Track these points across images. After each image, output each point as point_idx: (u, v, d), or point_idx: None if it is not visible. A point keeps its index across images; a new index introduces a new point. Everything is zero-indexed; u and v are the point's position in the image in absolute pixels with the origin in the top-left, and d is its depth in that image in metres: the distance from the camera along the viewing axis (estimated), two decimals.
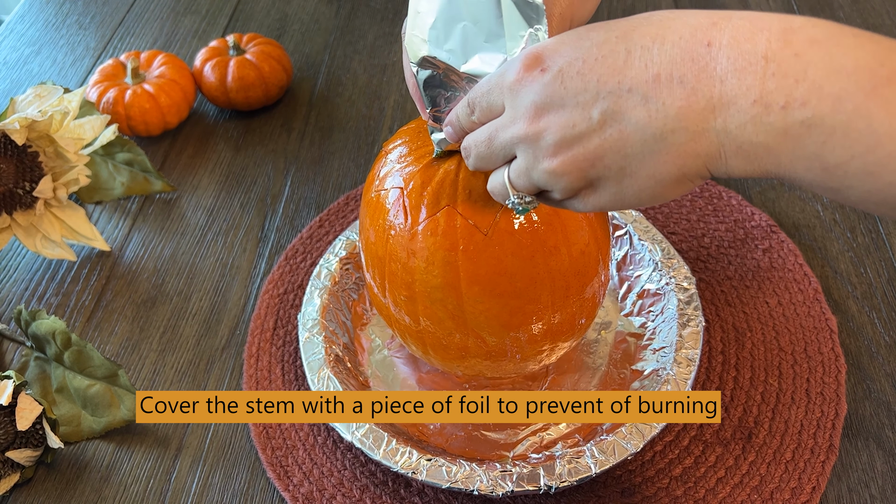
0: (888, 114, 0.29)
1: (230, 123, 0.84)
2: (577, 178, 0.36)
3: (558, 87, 0.35)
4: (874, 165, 0.30)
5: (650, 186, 0.35)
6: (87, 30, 0.99)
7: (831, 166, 0.31)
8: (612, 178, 0.36)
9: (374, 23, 0.95)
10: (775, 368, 0.58)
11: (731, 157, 0.33)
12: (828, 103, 0.30)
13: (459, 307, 0.47)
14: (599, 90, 0.34)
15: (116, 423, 0.58)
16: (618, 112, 0.34)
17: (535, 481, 0.48)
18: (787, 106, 0.30)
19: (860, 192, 0.31)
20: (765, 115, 0.31)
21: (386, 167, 0.50)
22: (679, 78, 0.32)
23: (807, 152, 0.31)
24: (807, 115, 0.30)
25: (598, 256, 0.49)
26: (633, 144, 0.34)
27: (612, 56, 0.34)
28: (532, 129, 0.36)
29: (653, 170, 0.35)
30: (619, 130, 0.34)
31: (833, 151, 0.30)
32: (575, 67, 0.35)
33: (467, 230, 0.45)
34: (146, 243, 0.73)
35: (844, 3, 0.90)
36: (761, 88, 0.31)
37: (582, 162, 0.35)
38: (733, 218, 0.68)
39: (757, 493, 0.51)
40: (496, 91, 0.38)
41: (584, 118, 0.35)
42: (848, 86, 0.29)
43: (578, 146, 0.35)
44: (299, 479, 0.55)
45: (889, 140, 0.29)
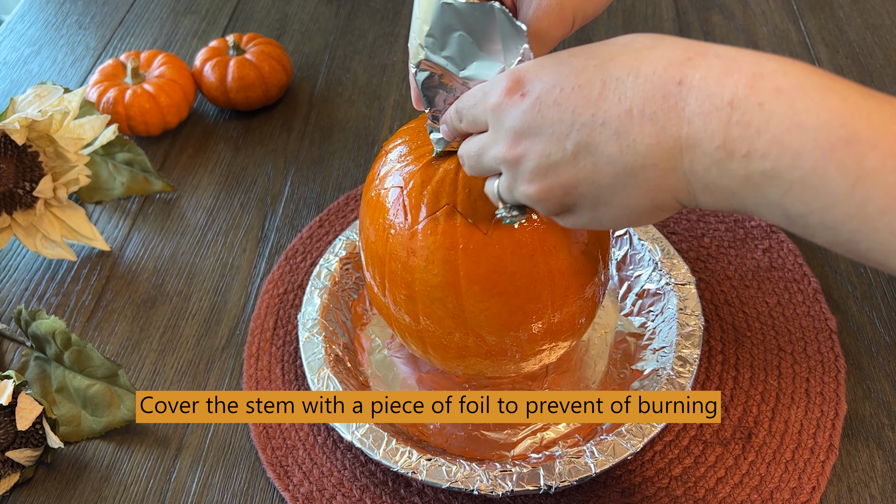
0: (843, 176, 0.29)
1: (230, 123, 0.84)
2: (554, 204, 0.38)
3: (536, 115, 0.36)
4: (832, 222, 0.30)
5: (624, 214, 0.37)
6: (87, 30, 0.99)
7: (793, 216, 0.31)
8: (587, 205, 0.37)
9: (374, 23, 0.95)
10: (775, 368, 0.58)
11: (699, 194, 0.34)
12: (787, 158, 0.30)
13: (459, 306, 0.47)
14: (574, 121, 0.35)
15: (116, 423, 0.58)
16: (591, 144, 0.34)
17: (535, 481, 0.48)
18: (748, 155, 0.31)
19: (824, 240, 0.32)
20: (728, 162, 0.31)
21: (386, 166, 0.50)
22: (650, 115, 0.33)
23: (768, 200, 0.31)
24: (767, 167, 0.30)
25: (598, 256, 0.49)
26: (606, 176, 0.35)
27: (588, 86, 0.34)
28: (510, 154, 0.37)
29: (626, 200, 0.36)
30: (592, 163, 0.35)
31: (792, 204, 0.31)
32: (552, 96, 0.35)
33: (467, 229, 0.45)
34: (146, 243, 0.73)
35: (844, 3, 0.90)
36: (725, 135, 0.31)
37: (557, 190, 0.37)
38: (733, 218, 0.68)
39: (757, 493, 0.51)
40: (480, 108, 0.39)
41: (558, 149, 0.35)
42: (807, 143, 0.29)
43: (553, 175, 0.36)
44: (299, 479, 0.55)
45: (843, 202, 0.29)
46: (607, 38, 0.37)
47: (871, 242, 0.30)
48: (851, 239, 0.30)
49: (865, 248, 0.30)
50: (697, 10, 0.91)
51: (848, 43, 0.85)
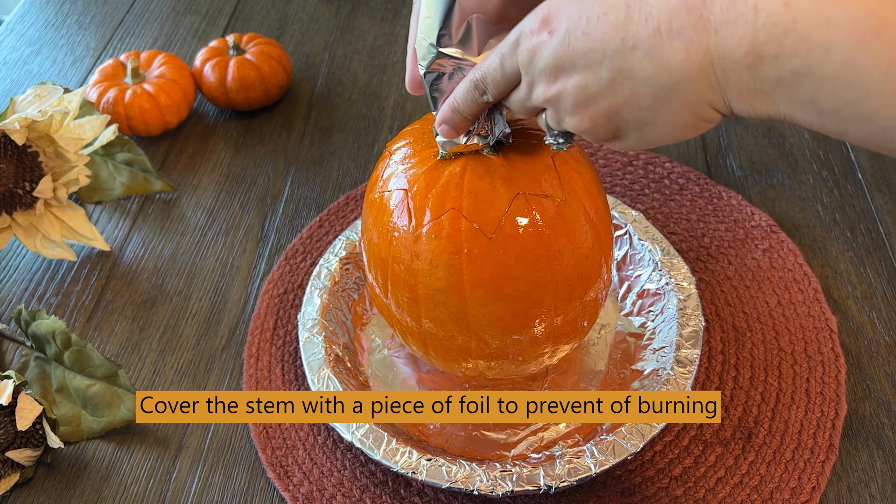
0: (875, 65, 0.29)
1: (230, 123, 0.84)
2: (601, 131, 0.38)
3: (567, 50, 0.36)
4: (866, 111, 0.30)
5: (669, 131, 0.37)
6: (87, 30, 0.99)
7: (826, 112, 0.31)
8: (632, 127, 0.38)
9: (374, 23, 0.95)
10: (775, 368, 0.58)
11: (734, 101, 0.34)
12: (817, 54, 0.30)
13: (462, 310, 0.47)
14: (605, 49, 0.35)
15: (116, 423, 0.58)
16: (625, 69, 0.35)
17: (535, 481, 0.48)
18: (777, 56, 0.31)
19: (858, 134, 0.32)
20: (758, 65, 0.32)
21: (390, 168, 0.50)
22: (678, 30, 0.33)
23: (802, 99, 0.32)
24: (797, 66, 0.30)
25: (601, 260, 0.49)
26: (645, 98, 0.35)
27: (613, 12, 0.35)
28: (550, 92, 0.38)
29: (669, 117, 0.36)
30: (630, 86, 0.35)
31: (826, 99, 0.31)
32: (580, 27, 0.35)
33: (472, 233, 0.45)
34: (146, 243, 0.73)
35: None
36: (753, 39, 0.31)
37: (600, 118, 0.37)
38: (733, 218, 0.68)
39: (757, 493, 0.51)
40: (509, 60, 0.40)
41: (594, 79, 0.36)
42: (836, 36, 0.29)
43: (594, 105, 0.37)
44: (299, 479, 0.55)
45: (877, 90, 0.29)
46: None
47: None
48: (888, 128, 0.30)
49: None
50: None
51: None
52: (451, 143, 0.47)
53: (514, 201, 0.45)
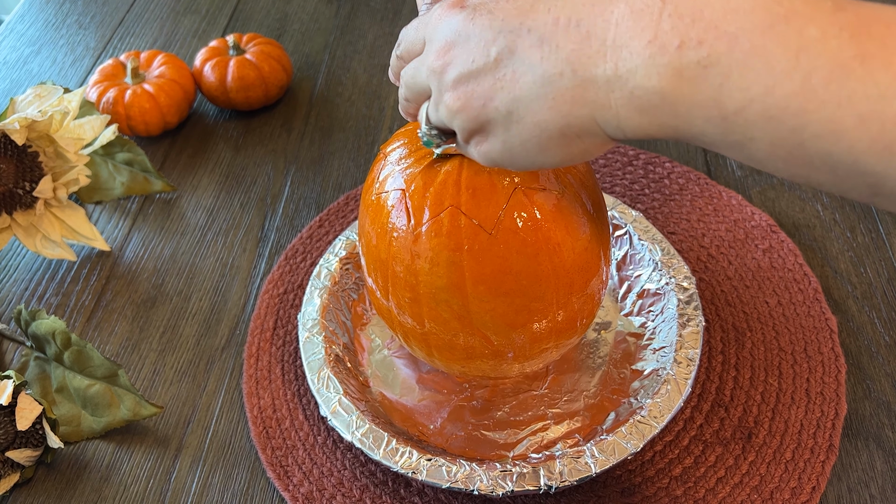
0: (785, 51, 0.28)
1: (230, 123, 0.84)
2: (470, 119, 0.37)
3: (468, 24, 0.36)
4: (774, 109, 0.28)
5: (535, 136, 0.35)
6: (87, 30, 0.99)
7: (730, 113, 0.29)
8: (500, 122, 0.36)
9: (374, 23, 0.95)
10: (775, 368, 0.58)
11: (622, 107, 0.32)
12: (724, 42, 0.29)
13: (465, 307, 0.47)
14: (502, 28, 0.34)
15: (116, 423, 0.58)
16: (514, 51, 0.34)
17: (535, 481, 0.48)
18: (682, 45, 0.29)
19: (765, 144, 0.29)
20: (659, 56, 0.30)
21: (386, 169, 0.50)
22: (576, 21, 0.32)
23: (704, 97, 0.30)
24: (702, 55, 0.29)
25: (599, 252, 0.49)
26: (523, 86, 0.34)
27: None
28: (439, 61, 0.37)
29: (538, 116, 0.34)
30: (513, 70, 0.34)
31: (731, 95, 0.29)
32: (488, 6, 0.35)
33: (471, 230, 0.45)
34: (146, 243, 0.73)
35: None
36: (656, 29, 0.30)
37: (475, 100, 0.36)
38: (733, 218, 0.68)
39: (757, 493, 0.51)
40: (421, 27, 0.39)
41: (482, 54, 0.35)
42: (745, 24, 0.28)
43: (474, 83, 0.36)
44: (299, 479, 0.55)
45: (787, 78, 0.28)
46: None
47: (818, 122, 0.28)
48: (796, 127, 0.28)
49: (812, 133, 0.28)
50: None
51: None
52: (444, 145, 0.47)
53: (513, 196, 0.45)
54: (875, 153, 0.28)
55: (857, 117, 0.27)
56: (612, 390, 0.56)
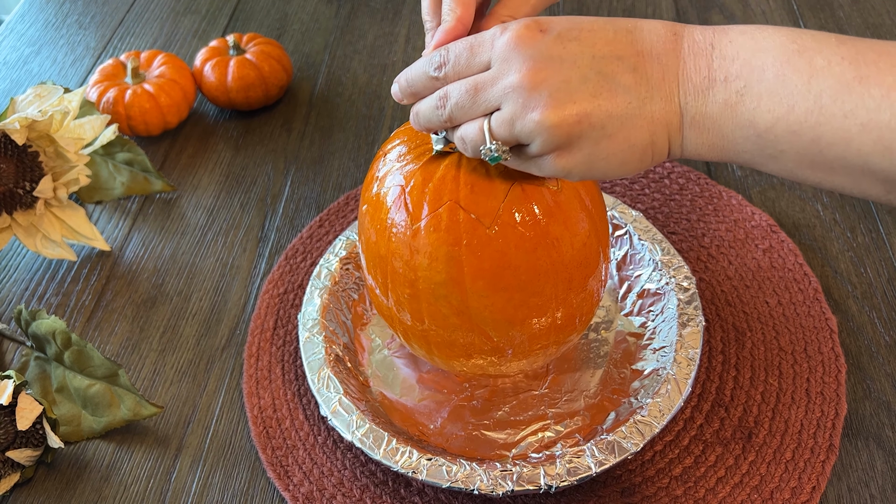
0: (800, 77, 0.36)
1: (230, 123, 0.84)
2: (562, 134, 0.39)
3: (559, 47, 0.39)
4: (795, 124, 0.36)
5: (622, 151, 0.40)
6: (87, 30, 0.99)
7: (763, 130, 0.37)
8: (591, 138, 0.40)
9: (374, 23, 0.95)
10: (775, 368, 0.58)
11: (687, 128, 0.40)
12: (755, 74, 0.37)
13: (464, 303, 0.47)
14: (595, 54, 0.39)
15: (116, 422, 0.58)
16: (609, 74, 0.39)
17: (536, 481, 0.48)
18: (726, 79, 0.38)
19: (792, 154, 0.37)
20: (711, 88, 0.39)
21: (385, 167, 0.50)
22: (657, 55, 0.40)
23: (742, 119, 0.38)
24: (740, 86, 0.38)
25: (598, 249, 0.49)
26: (619, 105, 0.39)
27: (601, 31, 0.40)
28: (529, 80, 0.39)
29: (629, 133, 0.40)
30: (610, 90, 0.39)
31: (762, 115, 0.37)
32: (573, 33, 0.40)
33: (470, 225, 0.45)
34: (146, 243, 0.73)
35: (844, 3, 0.90)
36: (709, 67, 0.39)
37: (571, 117, 0.39)
38: (733, 218, 0.68)
39: (757, 493, 0.51)
40: (483, 49, 0.41)
41: (580, 77, 0.39)
42: (768, 59, 0.37)
43: (570, 102, 0.39)
44: (299, 478, 0.55)
45: (802, 98, 0.36)
46: None
47: (831, 132, 0.36)
48: (814, 137, 0.36)
49: (827, 141, 0.36)
50: (697, 10, 0.91)
51: None
52: (445, 141, 0.47)
53: (511, 190, 0.45)
54: (879, 153, 0.35)
55: (860, 125, 0.35)
56: (613, 390, 0.56)
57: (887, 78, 0.35)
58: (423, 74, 0.44)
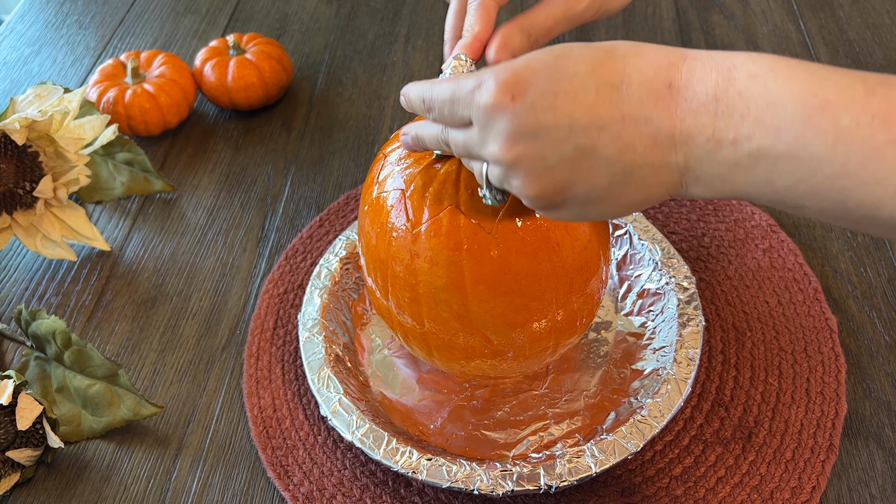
0: (823, 140, 0.31)
1: (230, 123, 0.84)
2: (546, 202, 0.38)
3: (531, 120, 0.36)
4: (818, 187, 0.32)
5: (614, 209, 0.38)
6: (87, 30, 0.99)
7: (781, 190, 0.33)
8: (577, 203, 0.38)
9: (374, 23, 0.95)
10: (775, 368, 0.58)
11: (691, 185, 0.36)
12: (770, 135, 0.32)
13: (464, 307, 0.47)
14: (572, 126, 0.35)
15: (116, 422, 0.58)
16: (589, 148, 0.36)
17: (536, 481, 0.48)
18: (735, 141, 0.33)
19: (815, 210, 0.34)
20: (718, 151, 0.34)
21: (385, 169, 0.50)
22: (645, 118, 0.35)
23: (758, 180, 0.34)
24: (753, 148, 0.33)
25: (598, 252, 0.49)
26: (602, 177, 0.36)
27: (582, 92, 0.35)
28: (506, 155, 0.37)
29: (619, 198, 0.37)
30: (590, 165, 0.36)
31: (780, 178, 0.33)
32: (547, 101, 0.36)
33: (471, 229, 0.45)
34: (146, 243, 0.73)
35: (844, 3, 0.90)
36: (714, 126, 0.34)
37: (550, 190, 0.37)
38: (733, 217, 0.68)
39: (757, 493, 0.51)
40: (462, 105, 0.39)
41: (556, 152, 0.36)
42: (785, 118, 0.32)
43: (549, 177, 0.37)
44: (299, 478, 0.55)
45: (827, 164, 0.31)
46: (607, 36, 0.39)
47: (859, 197, 0.31)
48: (840, 200, 0.32)
49: (855, 204, 0.32)
50: (697, 9, 0.91)
51: (848, 42, 0.85)
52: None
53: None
54: None
55: (893, 193, 0.31)
56: (613, 390, 0.56)
57: None
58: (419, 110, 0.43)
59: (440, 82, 0.40)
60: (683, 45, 0.86)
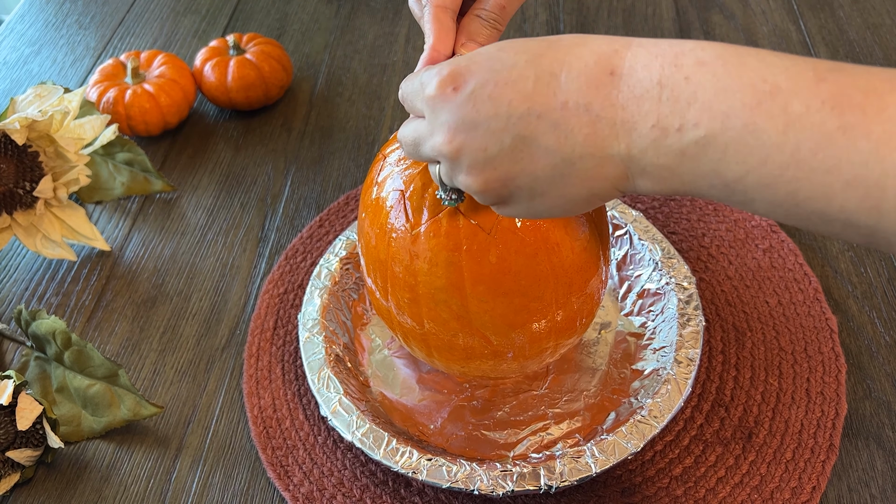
0: (774, 126, 0.30)
1: (230, 123, 0.84)
2: (492, 195, 0.38)
3: (470, 110, 0.36)
4: (768, 178, 0.31)
5: (561, 204, 0.37)
6: (87, 30, 0.99)
7: (731, 182, 0.32)
8: (523, 196, 0.37)
9: (374, 23, 0.95)
10: (775, 368, 0.58)
11: (637, 178, 0.35)
12: (718, 121, 0.31)
13: (464, 307, 0.47)
14: (510, 114, 0.35)
15: (116, 422, 0.58)
16: (528, 137, 0.35)
17: (536, 481, 0.48)
18: (681, 128, 0.32)
19: (764, 204, 0.32)
20: (663, 139, 0.32)
21: (385, 170, 0.50)
22: (585, 106, 0.34)
23: (706, 170, 0.32)
24: (700, 135, 0.31)
25: (598, 252, 0.49)
26: (544, 168, 0.35)
27: (521, 81, 0.35)
28: (447, 148, 0.37)
29: (563, 191, 0.36)
30: (530, 154, 0.35)
31: (729, 167, 0.32)
32: (487, 90, 0.35)
33: (470, 230, 0.45)
34: (146, 243, 0.73)
35: (844, 3, 0.90)
36: (658, 113, 0.32)
37: (494, 182, 0.37)
38: (733, 217, 0.68)
39: (757, 493, 0.51)
40: (417, 98, 0.39)
41: (495, 142, 0.36)
42: (734, 103, 0.31)
43: (491, 169, 0.37)
44: (299, 478, 0.55)
45: (777, 151, 0.30)
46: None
47: (810, 187, 0.30)
48: (790, 191, 0.31)
49: (805, 196, 0.31)
50: (697, 9, 0.91)
51: (848, 42, 0.85)
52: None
53: None
54: (864, 211, 0.30)
55: (844, 182, 0.29)
56: (613, 390, 0.56)
57: (875, 128, 0.29)
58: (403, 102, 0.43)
59: (412, 75, 0.41)
60: None
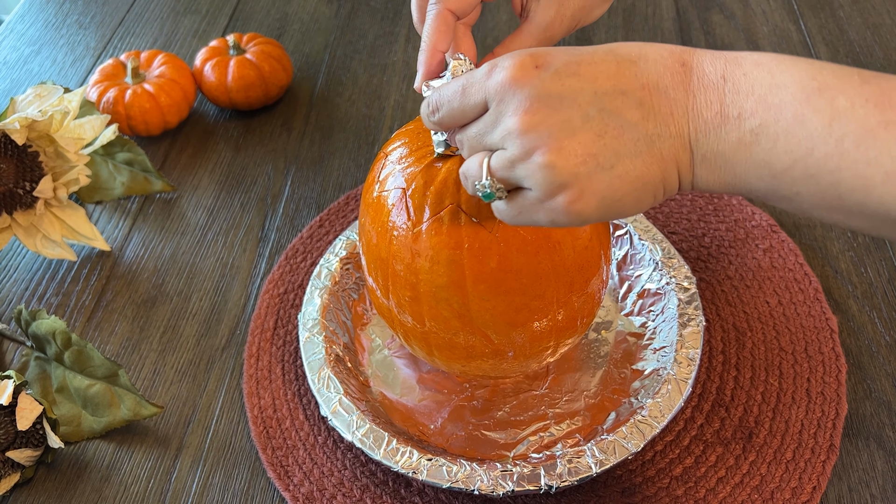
0: (820, 118, 0.33)
1: (230, 123, 0.84)
2: (565, 173, 0.36)
3: (557, 84, 0.37)
4: (814, 168, 0.34)
5: (635, 189, 0.37)
6: (87, 29, 0.99)
7: (778, 172, 0.35)
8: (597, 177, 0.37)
9: (374, 23, 0.95)
10: (776, 368, 0.58)
11: (698, 165, 0.37)
12: (771, 112, 0.34)
13: (465, 306, 0.47)
14: (596, 90, 0.36)
15: (116, 422, 0.58)
16: (613, 111, 0.36)
17: (536, 481, 0.48)
18: (739, 117, 0.35)
19: (808, 196, 0.35)
20: (724, 125, 0.36)
21: (386, 168, 0.50)
22: (664, 89, 0.37)
23: (757, 160, 0.35)
24: (755, 124, 0.35)
25: (599, 251, 0.49)
26: (626, 143, 0.36)
27: (603, 64, 0.37)
28: (527, 122, 0.37)
29: (640, 171, 0.37)
30: (616, 128, 0.36)
31: (778, 157, 0.34)
32: (571, 69, 0.37)
33: (472, 228, 0.45)
34: (146, 243, 0.73)
35: (844, 3, 0.90)
36: (721, 102, 0.36)
37: (575, 157, 0.36)
38: (734, 217, 0.68)
39: (757, 493, 0.51)
40: (475, 89, 0.39)
41: (581, 115, 0.36)
42: (786, 97, 0.34)
43: (574, 142, 0.36)
44: (300, 478, 0.55)
45: (822, 142, 0.33)
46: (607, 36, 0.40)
47: (851, 178, 0.33)
48: (833, 182, 0.33)
49: (847, 187, 0.33)
50: (697, 9, 0.91)
51: (848, 42, 0.85)
52: (445, 143, 0.47)
53: None
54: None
55: (884, 174, 0.32)
56: (613, 390, 0.56)
57: None
58: (426, 118, 0.42)
59: (446, 84, 0.41)
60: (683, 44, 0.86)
